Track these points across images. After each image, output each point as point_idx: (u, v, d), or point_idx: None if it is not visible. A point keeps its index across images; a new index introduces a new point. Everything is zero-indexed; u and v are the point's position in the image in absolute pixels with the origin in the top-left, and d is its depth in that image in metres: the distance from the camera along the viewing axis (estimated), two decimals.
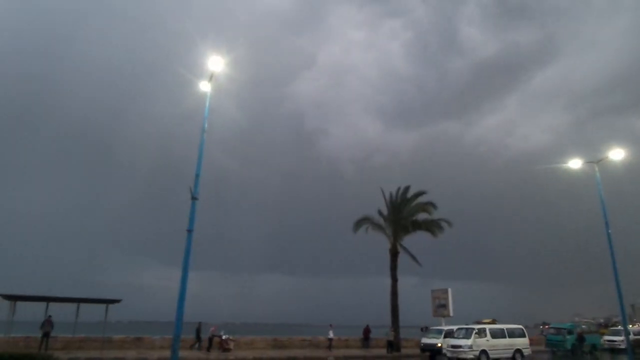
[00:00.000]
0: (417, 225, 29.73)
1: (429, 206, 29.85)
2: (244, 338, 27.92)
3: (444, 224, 29.40)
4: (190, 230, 14.52)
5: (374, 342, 30.66)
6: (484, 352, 22.44)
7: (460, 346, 22.52)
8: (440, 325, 28.59)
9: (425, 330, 30.11)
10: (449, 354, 23.06)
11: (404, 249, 30.09)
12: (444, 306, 30.32)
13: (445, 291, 30.72)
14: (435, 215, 29.78)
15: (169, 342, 24.43)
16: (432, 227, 29.50)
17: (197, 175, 14.88)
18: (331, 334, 28.78)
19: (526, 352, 24.33)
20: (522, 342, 24.43)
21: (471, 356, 22.09)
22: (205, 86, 14.63)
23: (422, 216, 30.15)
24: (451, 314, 29.94)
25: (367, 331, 30.87)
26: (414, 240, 30.42)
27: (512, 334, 24.36)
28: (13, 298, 22.78)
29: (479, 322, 25.17)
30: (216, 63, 13.97)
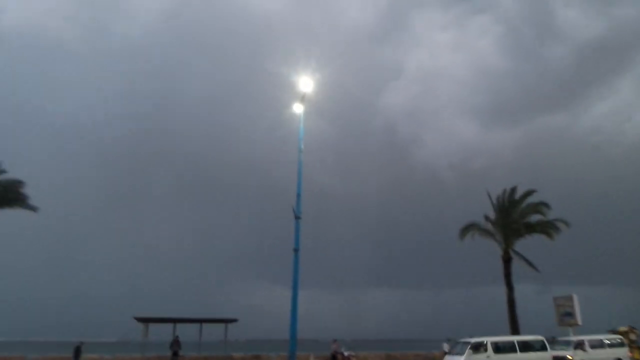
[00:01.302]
0: (530, 228, 27.59)
1: (541, 206, 27.61)
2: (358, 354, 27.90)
3: (560, 225, 26.98)
4: (296, 249, 14.95)
5: None
6: None
7: None
8: (569, 335, 26.06)
9: (552, 342, 27.66)
10: None
11: (518, 254, 28.07)
12: (571, 314, 27.58)
13: (570, 298, 27.96)
14: (550, 215, 27.47)
15: (284, 359, 25.16)
16: (547, 228, 27.19)
17: (298, 195, 15.34)
18: (446, 347, 27.62)
19: None
20: (543, 358, 19.56)
21: None
22: (298, 108, 15.17)
23: (534, 218, 27.98)
24: (579, 322, 27.16)
25: None
26: (528, 245, 28.28)
27: (527, 347, 19.58)
28: (146, 320, 25.04)
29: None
30: (306, 84, 14.42)
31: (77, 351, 23.07)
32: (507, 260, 27.83)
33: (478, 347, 18.48)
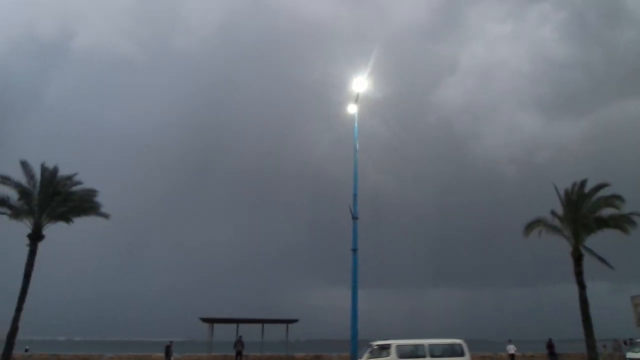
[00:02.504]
0: (603, 223, 25.90)
1: (614, 199, 25.84)
2: None
3: (636, 219, 25.16)
4: (354, 250, 14.93)
5: (565, 357, 27.41)
6: None
7: None
8: None
9: (629, 344, 25.88)
10: None
11: (589, 250, 26.45)
12: None
13: None
14: (624, 209, 25.67)
15: (346, 359, 25.18)
16: (621, 222, 25.40)
17: (355, 195, 15.32)
18: (512, 349, 26.57)
19: None
20: None
21: None
22: (352, 108, 15.17)
23: (606, 212, 26.28)
24: None
25: (550, 346, 27.76)
26: (600, 241, 26.59)
27: (442, 352, 17.72)
28: (211, 321, 25.99)
29: None
30: (360, 84, 14.38)
31: (168, 350, 25.16)
32: (577, 258, 26.30)
33: (379, 351, 17.00)
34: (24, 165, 24.20)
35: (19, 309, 22.34)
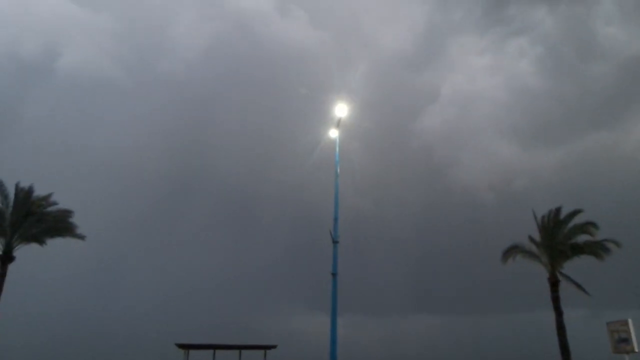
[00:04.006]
0: (578, 249, 26.45)
1: (589, 226, 26.50)
2: None
3: (610, 245, 25.75)
4: (334, 274, 14.88)
5: None
6: None
7: None
8: None
9: None
10: None
11: (566, 276, 26.90)
12: (626, 340, 25.95)
13: (625, 322, 26.31)
14: (598, 236, 26.29)
15: None
16: (596, 249, 25.98)
17: (336, 219, 15.37)
18: None
19: None
20: None
21: None
22: (334, 133, 15.36)
23: (581, 238, 26.87)
24: (637, 349, 25.51)
25: None
26: (576, 267, 27.07)
27: None
28: (187, 347, 25.32)
29: None
30: (342, 110, 14.62)
31: None
32: (554, 284, 26.69)
33: None
34: None
35: None
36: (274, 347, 26.14)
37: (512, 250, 28.20)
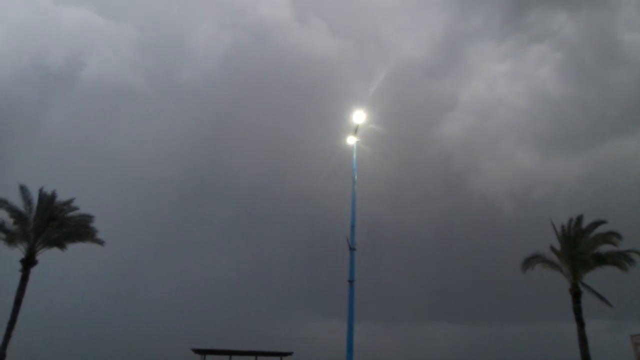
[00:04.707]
0: (601, 259, 25.83)
1: (611, 236, 25.87)
2: None
3: (634, 256, 25.11)
4: (351, 281, 14.81)
5: None
6: None
7: None
8: None
9: None
10: None
11: (587, 287, 26.28)
12: None
13: None
14: (622, 246, 25.66)
15: None
16: (619, 260, 25.34)
17: (353, 226, 15.32)
18: None
19: None
20: None
21: None
22: (351, 139, 15.38)
23: (604, 248, 26.25)
24: None
25: None
26: (599, 278, 26.44)
27: None
28: (203, 352, 25.43)
29: None
30: (360, 117, 14.63)
31: None
32: (576, 294, 26.09)
33: None
34: (23, 189, 24.22)
35: (7, 336, 21.91)
36: (290, 354, 26.09)
37: (532, 260, 27.66)
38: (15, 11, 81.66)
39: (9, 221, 23.59)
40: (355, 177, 15.58)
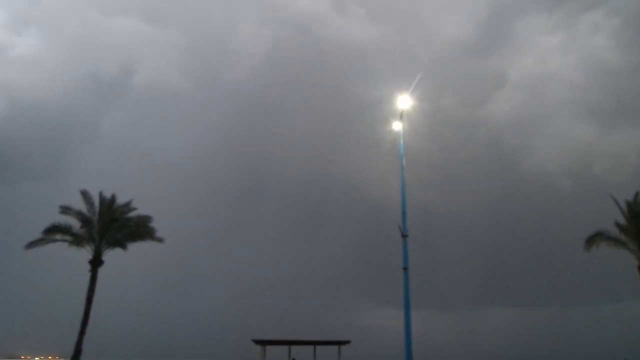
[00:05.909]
0: None
1: None
2: None
3: None
4: (405, 268, 14.67)
5: None
6: None
7: None
8: None
9: None
10: None
11: None
12: None
13: None
14: None
15: None
16: None
17: (404, 212, 15.14)
18: None
19: None
20: None
21: None
22: (397, 125, 15.16)
23: None
24: None
25: None
26: None
27: None
28: (263, 343, 26.09)
29: None
30: (405, 101, 14.37)
31: None
32: None
33: None
34: (84, 194, 25.52)
35: (82, 332, 23.31)
36: (347, 342, 26.28)
37: (595, 238, 26.24)
38: (70, 27, 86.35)
39: (76, 225, 24.94)
40: (404, 163, 15.36)
